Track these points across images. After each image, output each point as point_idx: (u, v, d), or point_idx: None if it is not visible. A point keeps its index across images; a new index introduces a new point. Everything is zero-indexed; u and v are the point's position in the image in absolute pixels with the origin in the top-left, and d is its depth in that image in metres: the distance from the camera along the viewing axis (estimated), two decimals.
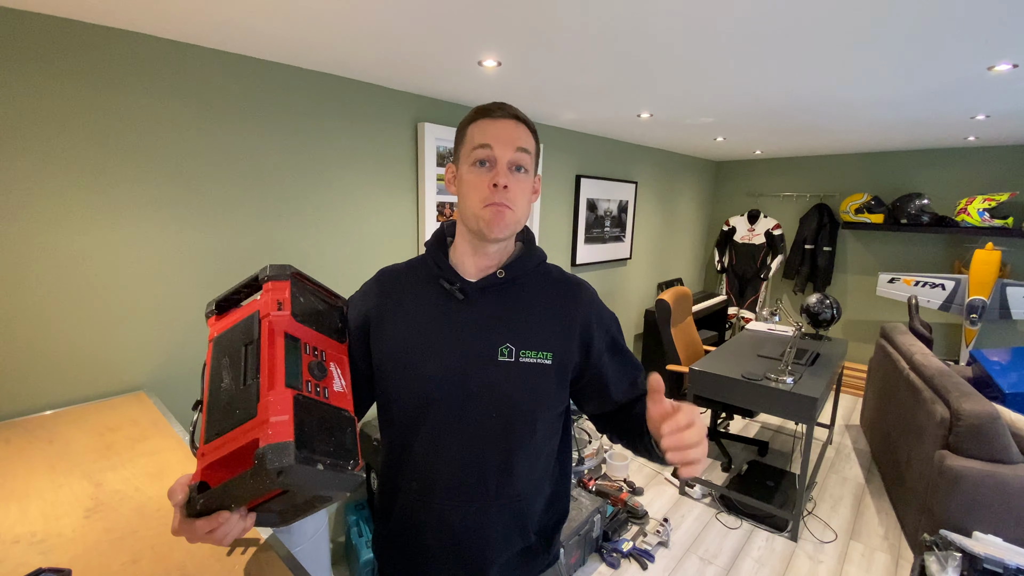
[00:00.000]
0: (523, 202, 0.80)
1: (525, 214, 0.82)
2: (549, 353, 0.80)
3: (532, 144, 0.80)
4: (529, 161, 0.79)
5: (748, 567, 2.17)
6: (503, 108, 0.79)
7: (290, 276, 0.75)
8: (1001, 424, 1.97)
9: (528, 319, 0.81)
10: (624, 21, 1.31)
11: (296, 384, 0.63)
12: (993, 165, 3.62)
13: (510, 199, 0.77)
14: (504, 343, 0.79)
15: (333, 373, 0.71)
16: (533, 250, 0.87)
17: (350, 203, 2.02)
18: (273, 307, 0.69)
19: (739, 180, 4.93)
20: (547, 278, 0.87)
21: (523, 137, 0.79)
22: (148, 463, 1.11)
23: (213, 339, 0.72)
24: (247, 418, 0.59)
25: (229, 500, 0.57)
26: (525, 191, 0.80)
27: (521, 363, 0.78)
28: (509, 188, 0.76)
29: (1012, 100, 2.16)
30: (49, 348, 1.38)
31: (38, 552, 0.82)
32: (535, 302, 0.83)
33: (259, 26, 1.37)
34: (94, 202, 1.40)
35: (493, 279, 0.82)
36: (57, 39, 1.29)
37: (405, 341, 0.81)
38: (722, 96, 2.16)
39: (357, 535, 1.97)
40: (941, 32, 1.36)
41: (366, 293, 0.89)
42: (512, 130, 0.78)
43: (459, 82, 1.97)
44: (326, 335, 0.76)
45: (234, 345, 0.68)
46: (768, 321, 3.73)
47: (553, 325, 0.82)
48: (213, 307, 0.76)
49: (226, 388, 0.64)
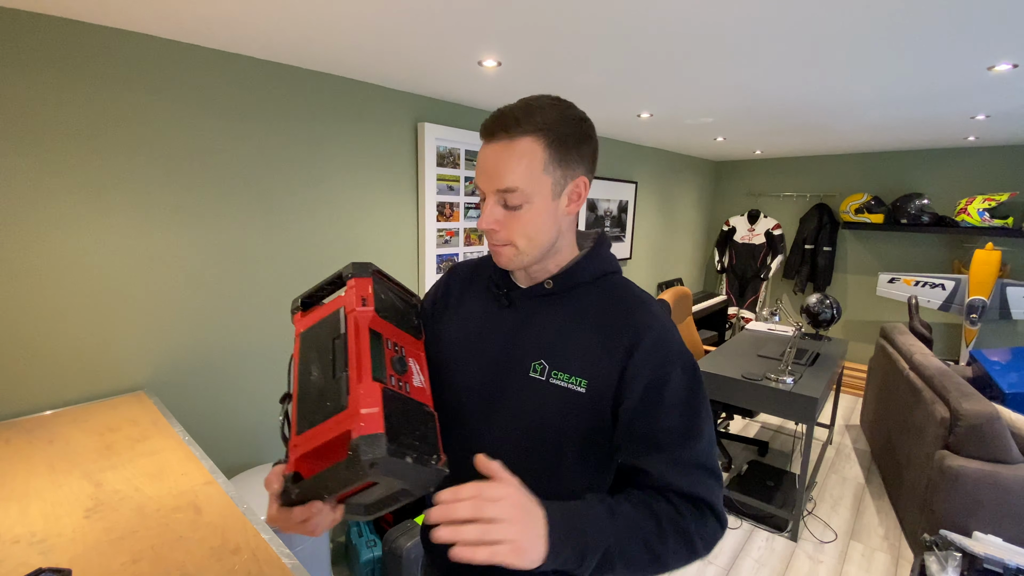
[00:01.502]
0: (527, 233, 0.68)
1: (537, 240, 0.69)
2: (584, 380, 0.67)
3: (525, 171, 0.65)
4: (520, 196, 0.65)
5: (748, 567, 2.17)
6: (493, 126, 0.66)
7: (372, 274, 0.76)
8: (1001, 424, 1.97)
9: (568, 337, 0.70)
10: (624, 21, 1.31)
11: (381, 377, 0.64)
12: (993, 165, 3.62)
13: (501, 239, 0.68)
14: (538, 359, 0.70)
15: (412, 368, 0.72)
16: (594, 259, 0.75)
17: (350, 203, 2.02)
18: (358, 303, 0.71)
19: (739, 180, 4.93)
20: (607, 293, 0.72)
21: (508, 170, 0.64)
22: (148, 463, 1.11)
23: (300, 334, 0.73)
24: (338, 410, 0.60)
25: (322, 490, 0.58)
26: (524, 223, 0.67)
27: (551, 384, 0.69)
28: (499, 229, 0.68)
29: (1012, 100, 2.16)
30: (49, 348, 1.38)
31: (38, 552, 0.82)
32: (583, 318, 0.70)
33: (259, 26, 1.37)
34: (94, 202, 1.40)
35: (540, 289, 0.74)
36: (57, 39, 1.29)
37: (449, 344, 0.79)
38: (722, 96, 2.16)
39: (357, 535, 1.97)
40: (941, 32, 1.36)
41: (436, 288, 0.88)
42: (497, 161, 0.65)
43: (459, 82, 1.97)
44: (404, 331, 0.77)
45: (321, 339, 0.69)
46: (768, 321, 3.73)
47: (596, 348, 0.68)
48: (299, 304, 0.77)
49: (315, 381, 0.65)
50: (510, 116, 0.65)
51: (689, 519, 0.63)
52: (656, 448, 0.65)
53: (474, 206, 2.51)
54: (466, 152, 2.41)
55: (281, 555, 0.83)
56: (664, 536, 0.61)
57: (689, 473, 0.65)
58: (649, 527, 0.61)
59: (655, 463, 0.66)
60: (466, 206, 2.47)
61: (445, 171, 2.32)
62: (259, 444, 1.88)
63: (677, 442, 0.65)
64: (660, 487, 0.65)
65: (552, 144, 0.65)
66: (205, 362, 1.69)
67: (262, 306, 1.81)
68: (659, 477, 0.65)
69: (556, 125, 0.65)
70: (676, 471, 0.65)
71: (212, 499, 0.99)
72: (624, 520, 0.61)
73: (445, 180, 2.33)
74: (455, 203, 2.41)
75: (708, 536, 0.64)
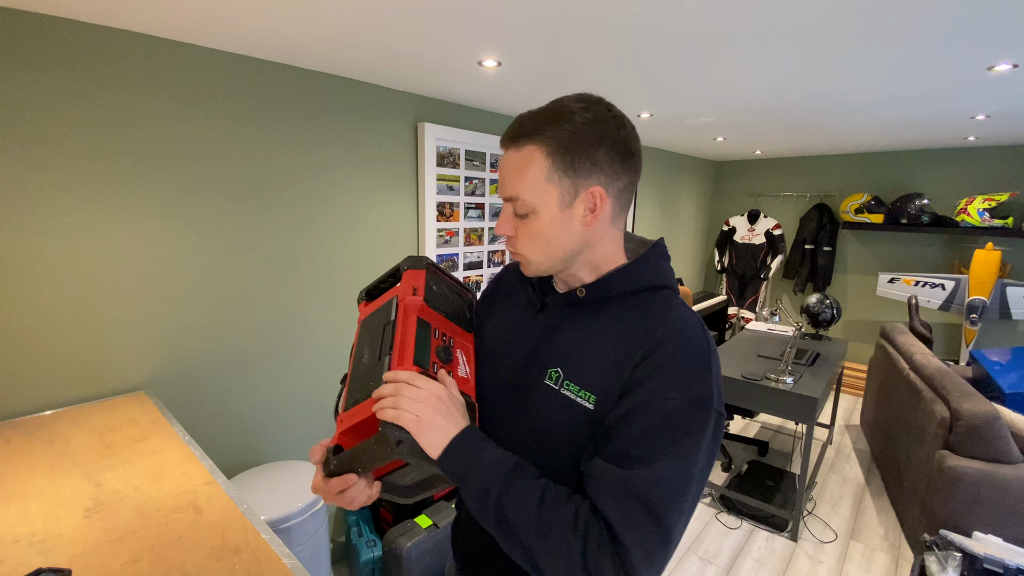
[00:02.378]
0: (534, 247, 0.67)
1: (547, 253, 0.67)
2: (592, 396, 0.62)
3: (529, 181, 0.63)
4: (523, 205, 0.64)
5: (748, 567, 2.17)
6: (509, 128, 0.66)
7: (425, 266, 0.80)
8: (1001, 424, 1.97)
9: (588, 349, 0.66)
10: (624, 21, 1.31)
11: (423, 363, 0.66)
12: (993, 165, 3.62)
13: (517, 248, 0.68)
14: (555, 367, 0.67)
15: (459, 359, 0.74)
16: (634, 272, 0.69)
17: (350, 203, 2.02)
18: (408, 292, 0.75)
19: (739, 180, 4.93)
20: (642, 308, 0.66)
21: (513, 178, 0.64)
22: (148, 463, 1.11)
23: (361, 321, 0.80)
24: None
25: (357, 464, 0.63)
26: (532, 234, 0.66)
27: (562, 394, 0.65)
28: (514, 237, 0.67)
29: (1012, 100, 2.16)
30: (49, 348, 1.38)
31: (38, 552, 0.82)
32: (605, 332, 0.66)
33: (259, 26, 1.37)
34: (94, 202, 1.40)
35: (573, 296, 0.71)
36: (56, 39, 1.29)
37: (487, 340, 0.80)
38: (722, 96, 2.16)
39: (357, 535, 1.97)
40: (941, 32, 1.36)
41: (488, 286, 0.90)
42: (505, 169, 0.65)
43: (459, 82, 1.97)
44: (455, 323, 0.79)
45: (375, 325, 0.75)
46: (768, 321, 3.73)
47: (611, 363, 0.63)
48: (363, 295, 0.85)
49: (365, 363, 0.70)
50: (519, 123, 0.64)
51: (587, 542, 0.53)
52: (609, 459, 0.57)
53: (473, 206, 2.51)
54: (466, 152, 2.41)
55: (281, 555, 0.83)
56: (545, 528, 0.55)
57: (622, 499, 0.54)
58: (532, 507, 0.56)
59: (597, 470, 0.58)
60: (466, 206, 2.47)
61: (445, 171, 2.32)
62: (259, 444, 1.88)
63: (632, 463, 0.56)
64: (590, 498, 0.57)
65: (555, 152, 0.62)
66: (205, 362, 1.69)
67: (262, 306, 1.81)
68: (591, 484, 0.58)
69: (562, 132, 0.62)
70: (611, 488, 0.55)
71: (212, 499, 0.99)
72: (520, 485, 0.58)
73: (445, 180, 2.33)
74: (455, 203, 2.41)
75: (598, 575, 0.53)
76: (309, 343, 1.97)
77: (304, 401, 1.99)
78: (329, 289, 2.00)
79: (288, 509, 1.51)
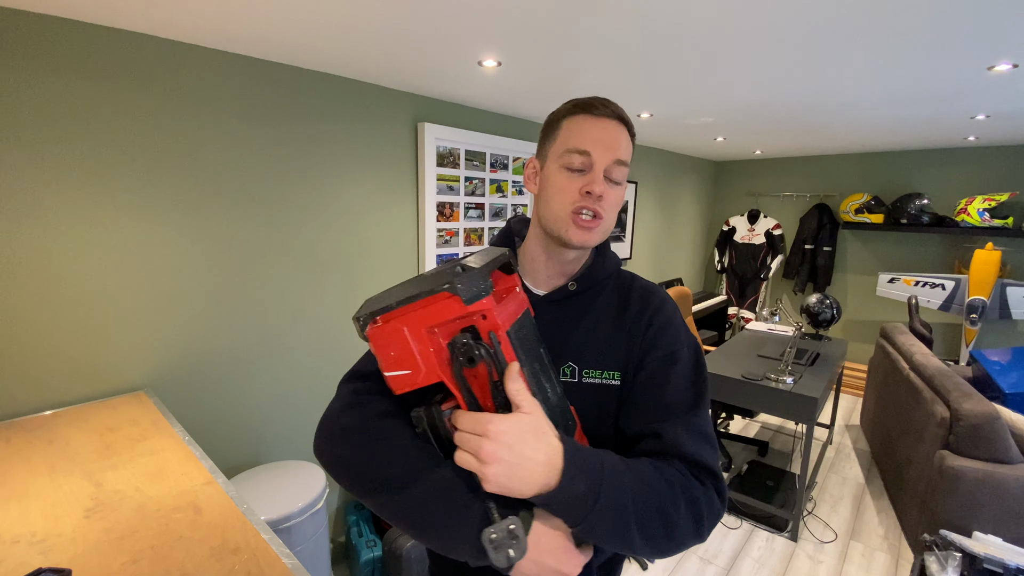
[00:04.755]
0: (614, 212, 0.72)
1: (613, 224, 0.73)
2: (617, 372, 0.71)
3: (631, 153, 0.72)
4: (625, 174, 0.71)
5: (748, 567, 2.17)
6: (607, 106, 0.70)
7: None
8: (1001, 424, 1.97)
9: (594, 335, 0.72)
10: (624, 21, 1.31)
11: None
12: (993, 165, 3.62)
13: (604, 208, 0.69)
14: (566, 361, 0.71)
15: None
16: (607, 257, 0.78)
17: (350, 203, 2.02)
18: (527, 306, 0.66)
19: (739, 180, 4.93)
20: (621, 287, 0.77)
21: (624, 145, 0.70)
22: (148, 463, 1.11)
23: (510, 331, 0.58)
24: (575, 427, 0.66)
25: None
26: (619, 201, 0.72)
27: (584, 384, 0.71)
28: (604, 198, 0.69)
29: (1012, 100, 2.16)
30: (49, 348, 1.38)
31: (38, 552, 0.82)
32: (605, 315, 0.74)
33: (259, 26, 1.37)
34: (94, 202, 1.40)
35: (564, 292, 0.74)
36: (56, 39, 1.29)
37: None
38: (722, 96, 2.16)
39: (357, 535, 1.97)
40: (941, 32, 1.36)
41: None
42: (614, 135, 0.69)
43: (459, 82, 1.97)
44: None
45: (530, 345, 0.62)
46: (768, 321, 3.73)
47: (622, 340, 0.72)
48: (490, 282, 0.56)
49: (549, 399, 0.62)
50: (611, 103, 0.71)
51: (698, 490, 0.62)
52: (670, 415, 0.67)
53: (473, 206, 2.51)
54: (466, 152, 2.41)
55: (281, 555, 0.83)
56: (677, 502, 0.60)
57: (697, 440, 0.66)
58: (663, 489, 0.59)
59: (668, 428, 0.66)
60: (466, 206, 2.47)
61: (445, 171, 2.32)
62: (259, 444, 1.88)
63: (686, 411, 0.68)
64: (669, 452, 0.65)
65: (631, 143, 0.73)
66: (205, 362, 1.69)
67: (262, 305, 1.80)
68: (671, 441, 0.65)
69: (632, 128, 0.73)
70: (688, 436, 0.66)
71: (212, 499, 0.99)
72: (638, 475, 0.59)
73: (445, 180, 2.33)
74: (455, 203, 2.41)
75: (712, 514, 0.63)
76: (309, 343, 1.97)
77: (304, 401, 1.99)
78: (329, 289, 2.00)
79: (288, 509, 1.51)
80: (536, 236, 0.75)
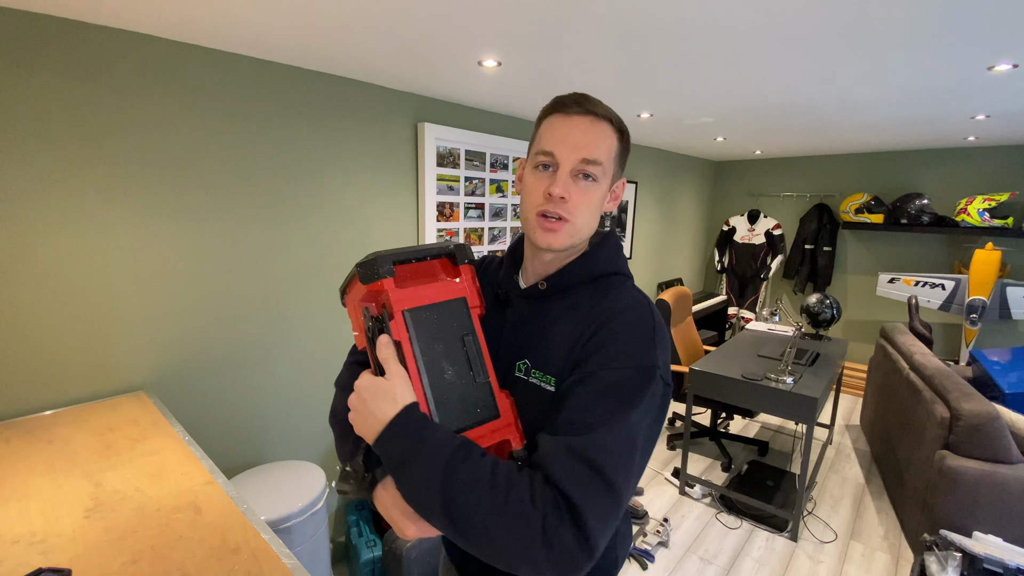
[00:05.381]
0: (587, 213, 0.70)
1: (589, 225, 0.72)
2: (552, 379, 0.67)
3: (607, 150, 0.69)
4: (599, 171, 0.68)
5: (748, 567, 2.17)
6: (580, 103, 0.68)
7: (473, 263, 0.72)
8: (1001, 424, 1.97)
9: (546, 337, 0.71)
10: (624, 21, 1.31)
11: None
12: (993, 165, 3.62)
13: (567, 210, 0.68)
14: (523, 358, 0.72)
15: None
16: (593, 261, 0.74)
17: (350, 203, 2.02)
18: (478, 299, 0.68)
19: (739, 180, 4.93)
20: (599, 294, 0.72)
21: (595, 143, 0.68)
22: (148, 463, 1.11)
23: (407, 312, 0.62)
24: (492, 417, 0.64)
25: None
26: (590, 201, 0.69)
27: (530, 383, 0.70)
28: (568, 199, 0.67)
29: (1012, 100, 2.16)
30: (49, 348, 1.38)
31: (38, 552, 0.82)
32: (565, 319, 0.71)
33: (259, 26, 1.37)
34: (94, 202, 1.40)
35: (534, 290, 0.75)
36: (56, 39, 1.29)
37: None
38: (722, 96, 2.16)
39: (357, 535, 1.97)
40: (941, 32, 1.36)
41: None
42: (583, 133, 0.68)
43: (459, 82, 1.97)
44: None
45: (447, 331, 0.64)
46: (768, 321, 3.73)
47: (567, 345, 0.68)
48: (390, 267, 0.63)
49: (452, 381, 0.63)
50: (590, 99, 0.70)
51: (543, 512, 0.52)
52: (557, 429, 0.59)
53: (473, 206, 2.51)
54: (466, 152, 2.41)
55: (281, 555, 0.83)
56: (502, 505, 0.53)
57: (570, 463, 0.55)
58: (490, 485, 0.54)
59: (546, 441, 0.58)
60: (466, 206, 2.47)
61: (445, 171, 2.32)
62: (259, 444, 1.88)
63: (580, 429, 0.57)
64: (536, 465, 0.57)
65: (620, 139, 0.71)
66: (205, 362, 1.69)
67: (262, 306, 1.80)
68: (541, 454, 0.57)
69: (623, 125, 0.72)
70: (558, 454, 0.56)
71: (212, 499, 0.99)
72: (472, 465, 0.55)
73: (445, 180, 2.33)
74: (455, 203, 2.41)
75: (558, 549, 0.51)
76: (309, 343, 1.97)
77: (304, 401, 1.99)
78: (329, 290, 2.00)
79: (288, 509, 1.51)
80: (527, 237, 0.77)
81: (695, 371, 2.58)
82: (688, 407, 2.66)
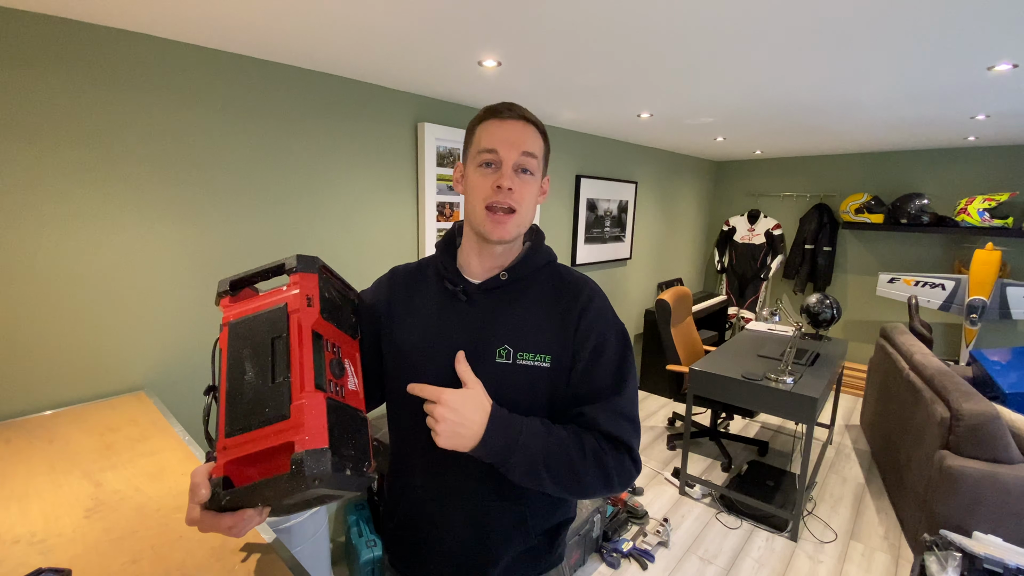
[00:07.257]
0: (528, 204, 0.80)
1: (530, 216, 0.82)
2: (548, 356, 0.78)
3: (539, 147, 0.80)
4: (535, 164, 0.79)
5: (748, 567, 2.17)
6: (512, 109, 0.79)
7: (318, 270, 0.73)
8: (1001, 424, 1.97)
9: (528, 321, 0.80)
10: (624, 21, 1.31)
11: (323, 385, 0.63)
12: (993, 165, 3.62)
13: (515, 200, 0.77)
14: (502, 344, 0.79)
15: (348, 371, 0.72)
16: (540, 250, 0.87)
17: (350, 203, 2.02)
18: (303, 303, 0.67)
19: (739, 180, 4.93)
20: (553, 279, 0.85)
21: (530, 140, 0.78)
22: (148, 463, 1.11)
23: (229, 323, 0.68)
24: (279, 418, 0.59)
25: (258, 499, 0.57)
26: (530, 193, 0.80)
27: (518, 365, 0.78)
28: (514, 190, 0.77)
29: (1012, 100, 2.16)
30: (49, 348, 1.38)
31: (38, 552, 0.82)
32: (537, 303, 0.82)
33: (259, 26, 1.37)
34: (94, 202, 1.40)
35: (496, 281, 0.82)
36: (56, 39, 1.29)
37: (411, 342, 0.82)
38: (722, 96, 2.16)
39: (357, 535, 1.97)
40: (941, 32, 1.36)
41: (378, 289, 0.91)
42: (519, 133, 0.78)
43: (459, 82, 1.97)
44: (343, 331, 0.75)
45: (258, 336, 0.66)
46: (768, 321, 3.73)
47: (554, 327, 0.80)
48: (227, 287, 0.72)
49: (250, 382, 0.62)
50: (514, 107, 0.80)
51: (609, 455, 0.76)
52: (594, 399, 0.78)
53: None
54: None
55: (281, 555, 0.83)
56: (586, 461, 0.74)
57: (615, 419, 0.78)
58: (575, 450, 0.74)
59: (590, 409, 0.78)
60: None
61: (445, 171, 2.32)
62: None
63: (608, 396, 0.79)
64: (590, 427, 0.77)
65: (544, 141, 0.82)
66: (205, 362, 1.69)
67: None
68: (591, 420, 0.77)
69: (544, 129, 0.83)
70: (605, 416, 0.77)
71: None
72: (556, 438, 0.74)
73: (445, 180, 2.33)
74: (455, 203, 2.41)
75: (623, 473, 0.77)
76: None
77: None
78: None
79: None
80: (468, 234, 0.85)
81: (695, 371, 2.58)
82: (688, 407, 2.66)
